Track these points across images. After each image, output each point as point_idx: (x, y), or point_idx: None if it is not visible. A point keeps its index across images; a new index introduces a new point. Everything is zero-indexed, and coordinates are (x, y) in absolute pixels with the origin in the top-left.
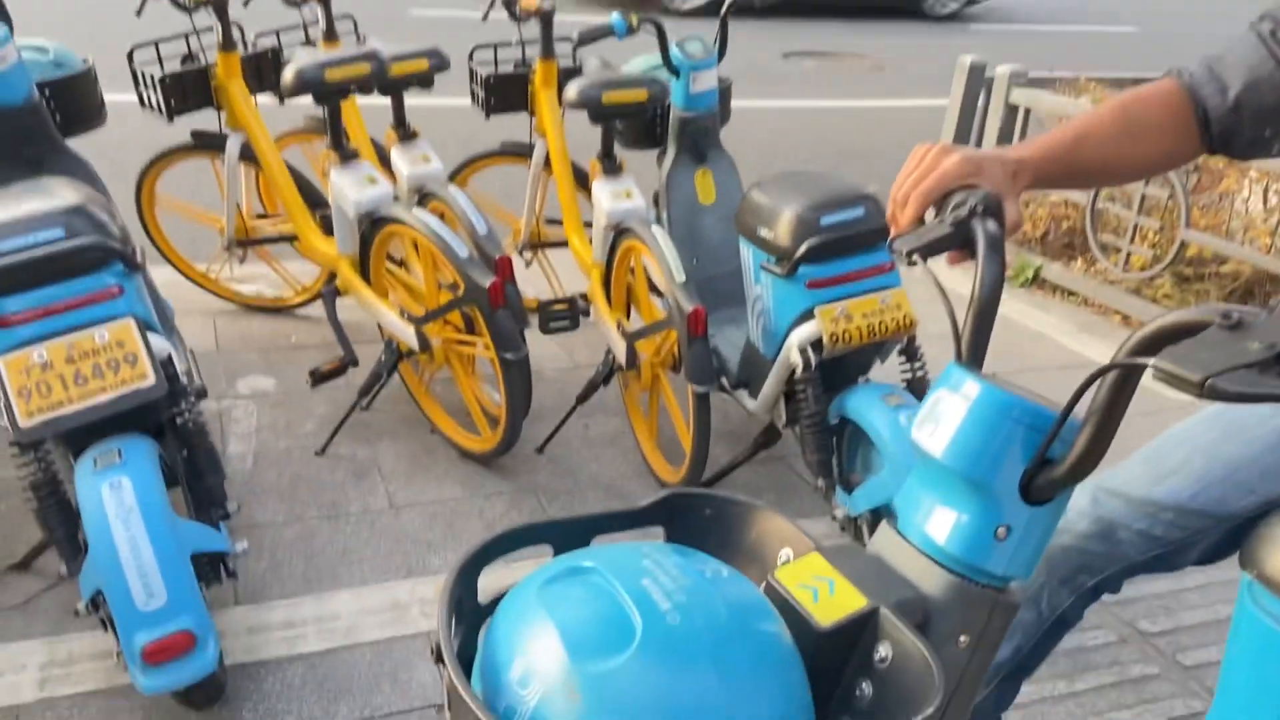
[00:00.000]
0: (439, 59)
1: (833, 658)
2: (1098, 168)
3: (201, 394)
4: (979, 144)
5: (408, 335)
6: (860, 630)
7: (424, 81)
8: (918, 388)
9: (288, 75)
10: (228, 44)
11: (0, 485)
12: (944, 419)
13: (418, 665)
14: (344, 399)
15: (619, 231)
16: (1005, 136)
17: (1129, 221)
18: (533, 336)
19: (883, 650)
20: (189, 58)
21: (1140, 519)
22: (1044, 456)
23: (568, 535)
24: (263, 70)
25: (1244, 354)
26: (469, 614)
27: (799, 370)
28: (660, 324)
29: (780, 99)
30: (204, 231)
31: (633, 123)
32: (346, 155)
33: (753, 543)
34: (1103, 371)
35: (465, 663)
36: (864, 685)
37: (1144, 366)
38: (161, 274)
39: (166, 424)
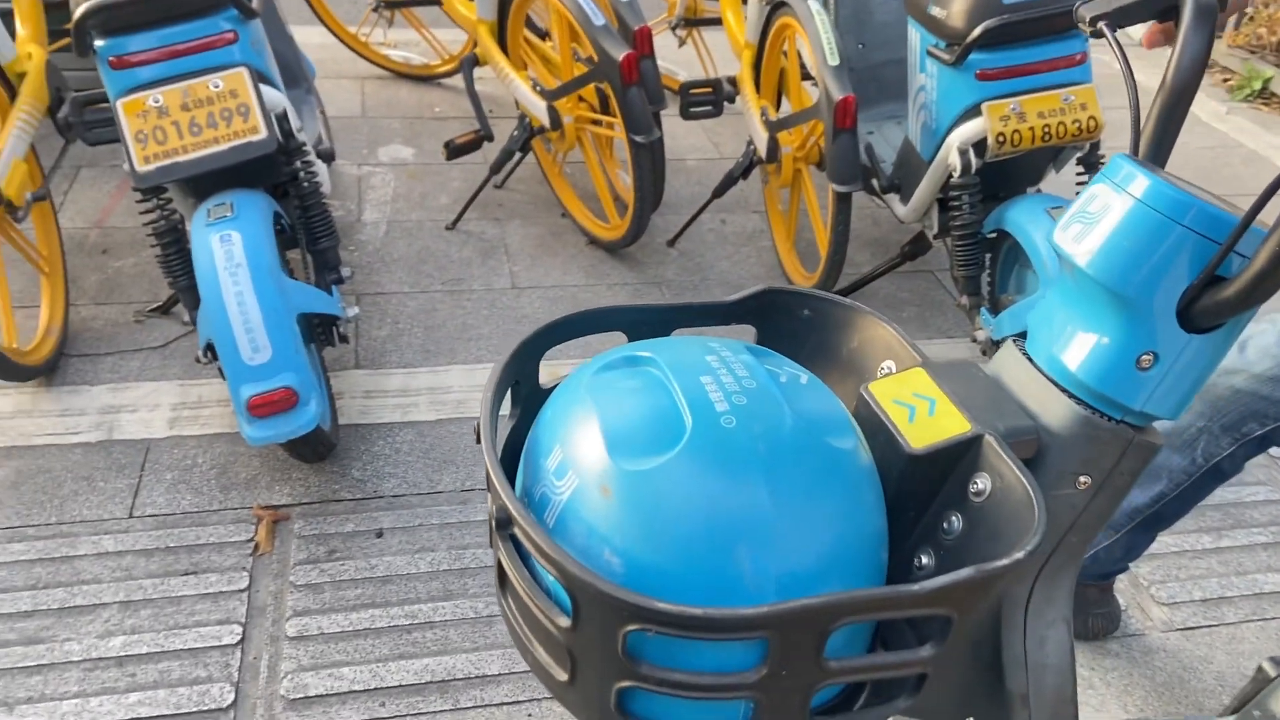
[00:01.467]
0: None
1: (922, 485)
2: None
3: (329, 157)
4: None
5: (539, 110)
6: (958, 458)
7: None
8: None
9: None
10: None
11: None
12: (1098, 220)
13: None
14: (480, 174)
15: (774, 6)
16: None
17: None
18: (675, 122)
19: (980, 483)
20: None
21: None
22: (1214, 273)
23: (645, 323)
24: None
25: None
26: (528, 397)
27: (957, 173)
28: (807, 113)
29: None
30: None
31: None
32: None
33: (854, 351)
34: None
35: (520, 452)
36: (954, 519)
37: None
38: (315, 34)
39: (288, 183)
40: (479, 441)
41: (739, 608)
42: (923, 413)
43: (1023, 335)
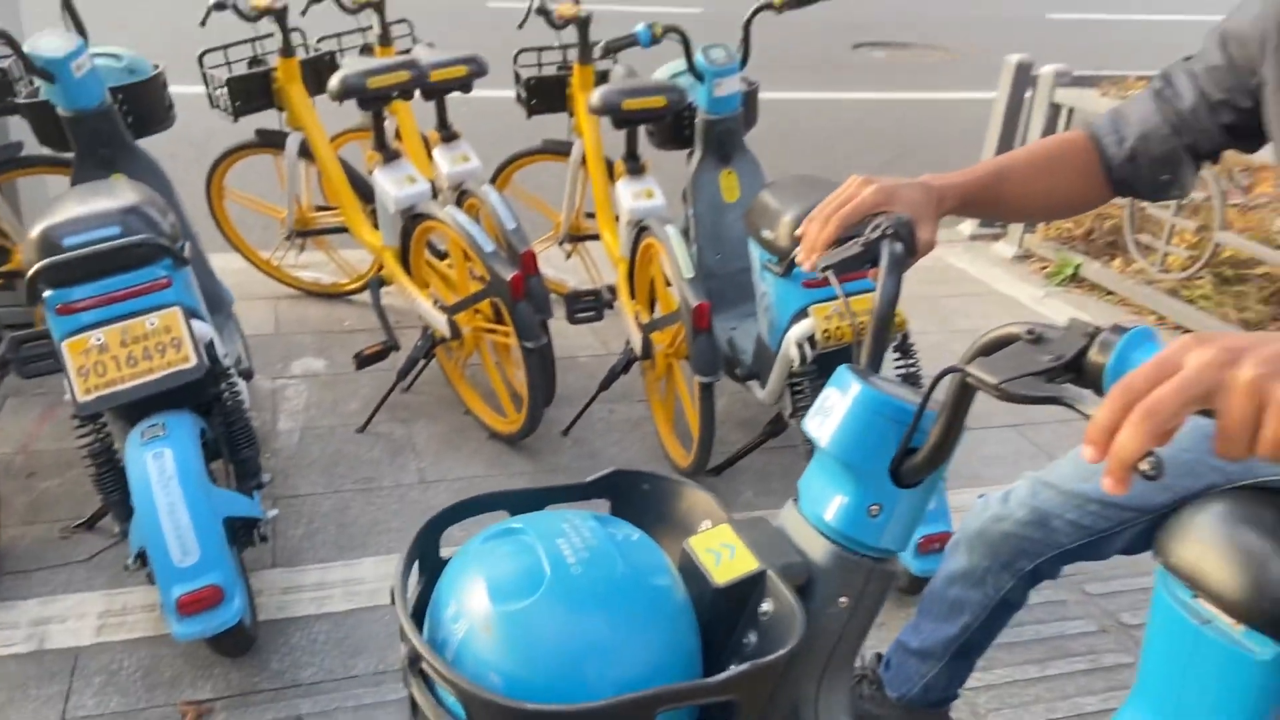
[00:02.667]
0: (477, 65)
1: (727, 611)
2: (1016, 201)
3: (248, 375)
4: (1023, 140)
5: (440, 323)
6: (751, 588)
7: (463, 87)
8: (911, 382)
9: (333, 82)
10: (287, 50)
11: (72, 454)
12: (830, 413)
13: None
14: (388, 380)
15: (640, 229)
16: (1049, 134)
17: (1166, 223)
18: (568, 325)
19: (766, 605)
20: (254, 61)
21: (1071, 509)
22: (908, 446)
23: (523, 503)
24: (321, 73)
25: (1036, 363)
26: (432, 568)
27: (796, 364)
28: (671, 316)
29: (845, 91)
30: (272, 221)
31: (662, 125)
32: (389, 156)
33: (683, 513)
34: (943, 374)
35: (425, 609)
36: (751, 635)
37: (965, 372)
38: (229, 261)
39: (212, 401)
40: (393, 603)
41: (583, 703)
42: (726, 557)
43: None
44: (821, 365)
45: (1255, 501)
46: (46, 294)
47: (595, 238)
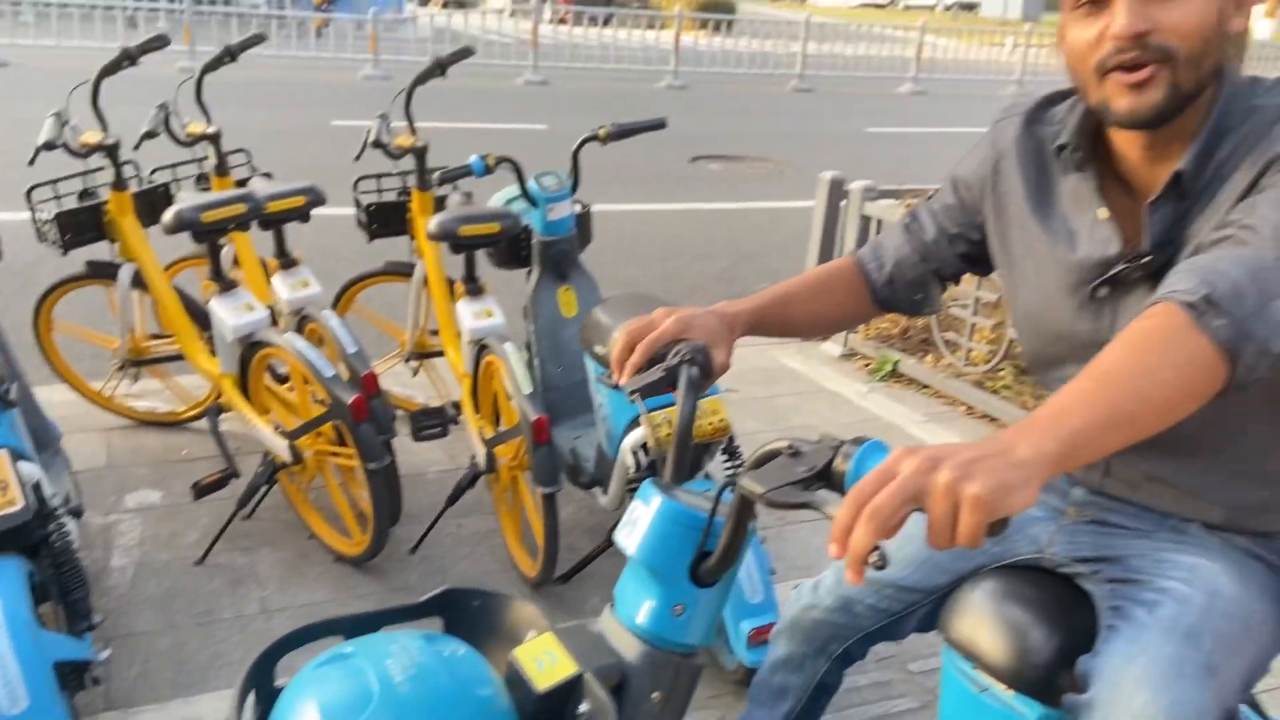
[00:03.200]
0: (315, 195)
1: (551, 715)
2: (800, 321)
3: (77, 512)
4: (840, 251)
5: (281, 448)
6: (570, 691)
7: (301, 216)
8: None
9: (167, 217)
10: (119, 184)
11: None
12: (636, 524)
13: None
14: (228, 508)
15: (480, 346)
16: (862, 242)
17: (968, 321)
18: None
19: (584, 706)
20: (85, 194)
21: (870, 594)
22: (703, 550)
23: (358, 626)
24: (155, 204)
25: (794, 474)
26: (267, 698)
27: (633, 470)
28: (513, 430)
29: (684, 202)
30: (102, 351)
31: (500, 247)
32: (225, 285)
33: (511, 627)
34: (723, 487)
35: None
36: None
37: (738, 484)
38: (55, 393)
39: (39, 543)
40: None
41: None
42: (547, 663)
43: None
44: (655, 471)
45: (1016, 578)
46: None
47: (441, 354)
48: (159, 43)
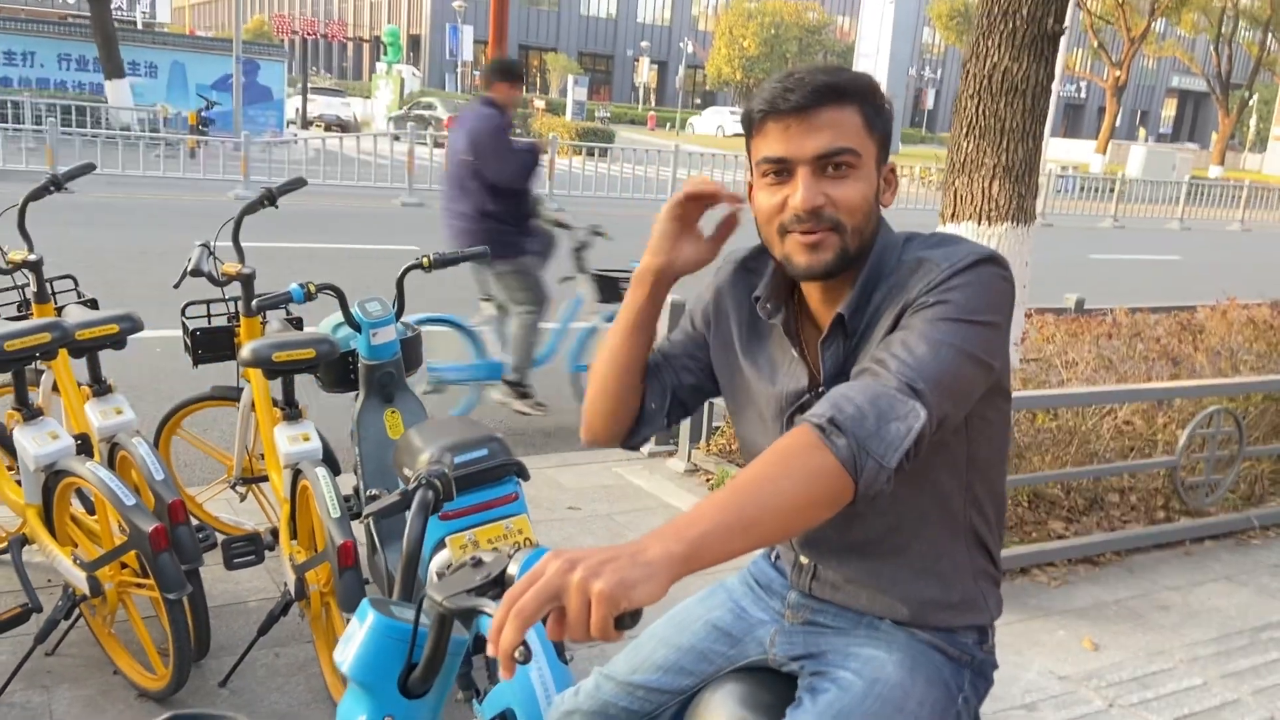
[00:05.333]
0: (131, 323)
1: None
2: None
3: None
4: None
5: (79, 579)
6: None
7: (116, 344)
8: None
9: None
10: None
11: None
12: (352, 642)
13: None
14: (27, 645)
15: (295, 471)
16: None
17: None
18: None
19: None
20: None
21: (624, 697)
22: (410, 662)
23: None
24: None
25: (473, 581)
26: None
27: None
28: (321, 556)
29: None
30: None
31: (328, 370)
32: (30, 414)
33: None
34: (421, 598)
35: None
36: None
37: (426, 594)
38: None
39: None
40: None
41: None
42: None
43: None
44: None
45: (747, 681)
46: None
47: (264, 479)
48: (86, 169)
